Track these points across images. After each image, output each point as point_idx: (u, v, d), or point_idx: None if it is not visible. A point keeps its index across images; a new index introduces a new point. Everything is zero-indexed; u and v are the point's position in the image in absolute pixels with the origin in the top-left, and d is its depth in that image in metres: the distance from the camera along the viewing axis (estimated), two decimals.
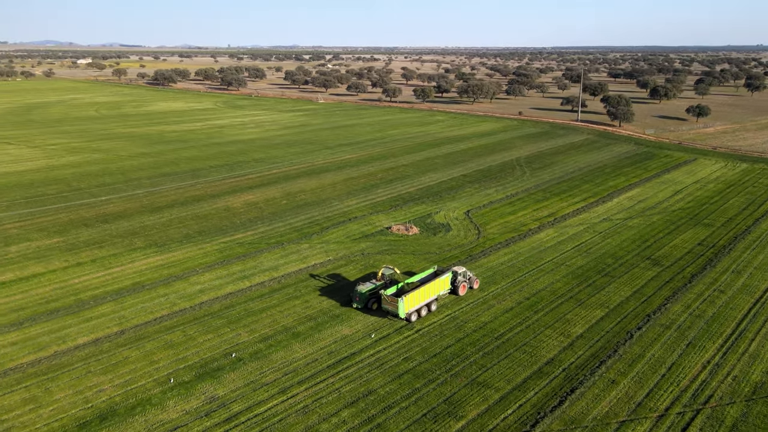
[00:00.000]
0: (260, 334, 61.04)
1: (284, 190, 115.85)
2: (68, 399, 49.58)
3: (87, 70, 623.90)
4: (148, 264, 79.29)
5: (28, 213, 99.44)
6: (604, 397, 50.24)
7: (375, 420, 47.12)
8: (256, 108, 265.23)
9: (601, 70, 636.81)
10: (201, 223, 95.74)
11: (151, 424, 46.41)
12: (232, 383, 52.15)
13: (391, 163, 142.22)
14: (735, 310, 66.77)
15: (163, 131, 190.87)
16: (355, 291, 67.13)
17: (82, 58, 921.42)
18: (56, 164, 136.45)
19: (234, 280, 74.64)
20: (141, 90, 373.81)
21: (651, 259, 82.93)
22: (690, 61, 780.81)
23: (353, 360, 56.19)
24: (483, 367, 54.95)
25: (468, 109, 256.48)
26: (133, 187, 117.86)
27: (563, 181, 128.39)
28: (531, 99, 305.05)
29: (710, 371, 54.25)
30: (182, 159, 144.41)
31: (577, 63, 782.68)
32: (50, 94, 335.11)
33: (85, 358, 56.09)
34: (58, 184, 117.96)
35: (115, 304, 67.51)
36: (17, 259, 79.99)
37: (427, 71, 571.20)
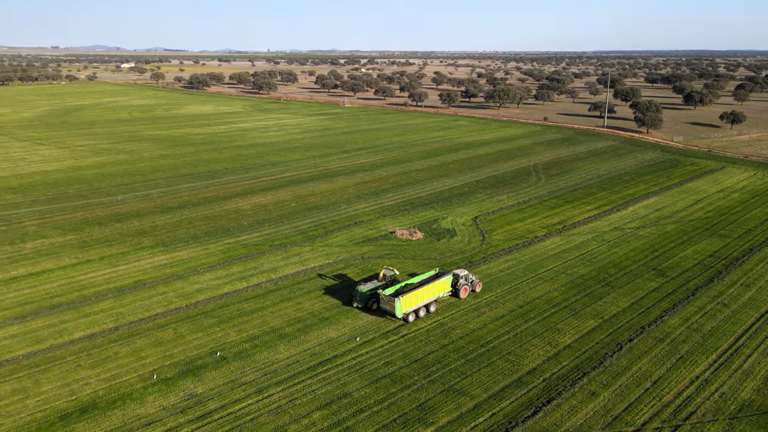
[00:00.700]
0: (248, 334, 62.11)
1: (295, 193, 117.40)
2: (55, 391, 51.54)
3: (129, 74, 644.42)
4: (152, 263, 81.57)
5: (47, 210, 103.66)
6: (581, 410, 49.29)
7: (344, 423, 47.42)
8: (282, 111, 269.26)
9: (639, 74, 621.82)
10: (209, 224, 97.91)
11: (128, 418, 47.84)
12: (213, 381, 53.27)
13: (405, 168, 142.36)
14: (736, 325, 64.48)
15: (188, 134, 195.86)
16: (356, 291, 68.09)
17: (125, 62, 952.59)
18: (81, 165, 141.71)
19: (232, 280, 76.10)
20: (175, 93, 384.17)
21: (656, 269, 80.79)
22: (736, 66, 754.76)
23: (334, 363, 56.63)
24: (462, 375, 54.62)
25: (493, 114, 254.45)
26: (150, 187, 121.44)
27: (579, 188, 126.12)
28: (560, 104, 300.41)
29: (697, 387, 52.58)
30: (201, 161, 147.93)
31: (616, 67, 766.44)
32: (89, 97, 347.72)
33: (77, 352, 58.15)
34: (80, 184, 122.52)
35: (115, 300, 69.72)
36: (31, 255, 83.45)
37: (459, 76, 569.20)
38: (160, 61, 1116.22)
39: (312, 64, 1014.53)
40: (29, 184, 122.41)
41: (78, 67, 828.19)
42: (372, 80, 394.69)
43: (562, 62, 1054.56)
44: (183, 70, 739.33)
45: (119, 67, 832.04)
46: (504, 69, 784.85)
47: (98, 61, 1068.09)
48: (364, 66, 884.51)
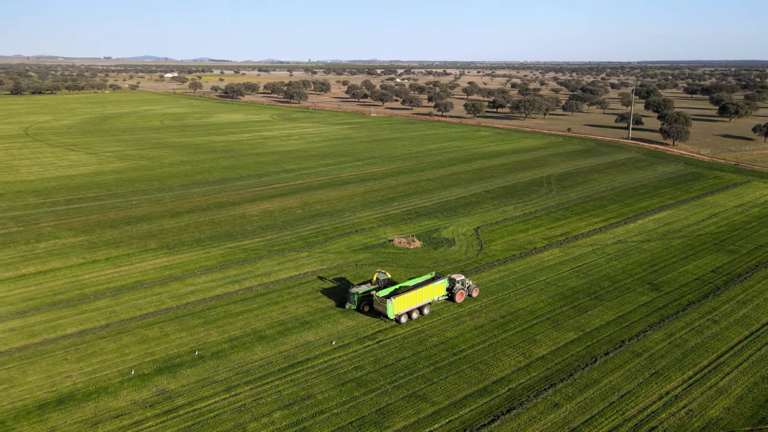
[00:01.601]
0: (229, 335, 64.11)
1: (302, 200, 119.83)
2: (38, 382, 54.51)
3: (170, 84, 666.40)
4: (154, 265, 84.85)
5: (64, 213, 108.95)
6: (539, 420, 49.17)
7: (302, 423, 48.65)
8: (308, 120, 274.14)
9: (680, 85, 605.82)
10: (214, 229, 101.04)
11: (100, 410, 50.26)
12: (186, 379, 55.34)
13: (416, 177, 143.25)
14: (721, 342, 62.89)
15: (211, 141, 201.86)
16: (349, 293, 70.02)
17: (169, 72, 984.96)
18: (104, 170, 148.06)
19: (225, 283, 78.50)
20: (210, 102, 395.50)
21: (651, 284, 79.32)
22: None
23: (306, 365, 57.98)
24: (428, 381, 55.14)
25: (517, 124, 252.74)
26: (164, 192, 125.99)
27: (590, 200, 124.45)
28: (589, 115, 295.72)
29: (665, 403, 51.68)
30: (218, 168, 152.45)
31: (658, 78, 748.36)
32: (128, 105, 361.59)
33: (67, 347, 61.23)
34: (100, 188, 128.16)
35: (112, 299, 72.94)
36: (42, 255, 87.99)
37: (493, 86, 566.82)
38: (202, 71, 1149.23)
39: (349, 74, 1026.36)
40: (53, 187, 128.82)
41: (124, 76, 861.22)
42: (402, 90, 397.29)
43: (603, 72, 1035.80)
44: (222, 79, 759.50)
45: (162, 76, 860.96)
46: (540, 79, 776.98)
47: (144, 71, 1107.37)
48: (400, 76, 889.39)
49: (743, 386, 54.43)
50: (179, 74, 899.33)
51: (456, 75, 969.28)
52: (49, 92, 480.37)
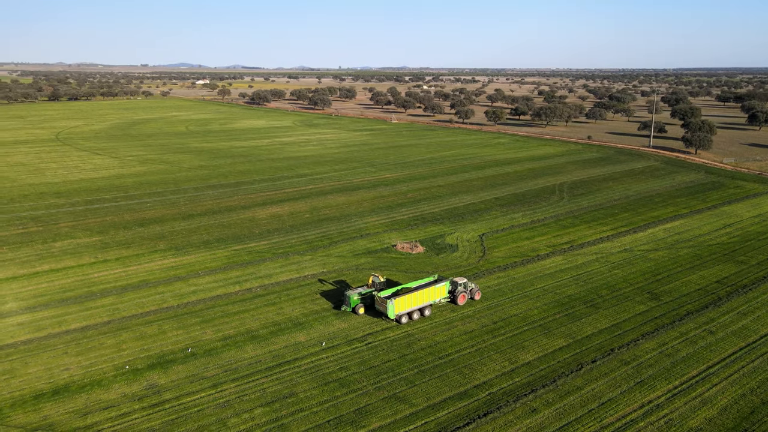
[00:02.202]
0: (224, 334, 65.97)
1: (311, 205, 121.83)
2: (38, 374, 57.15)
3: (201, 90, 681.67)
4: (161, 265, 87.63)
5: (82, 214, 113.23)
6: (515, 424, 49.44)
7: (281, 420, 49.96)
8: (329, 127, 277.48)
9: (713, 93, 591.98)
10: (223, 231, 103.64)
11: (91, 401, 52.47)
12: (176, 375, 57.27)
13: (427, 184, 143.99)
14: (714, 353, 61.96)
15: (231, 146, 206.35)
16: (345, 295, 71.47)
17: (201, 79, 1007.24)
18: (125, 173, 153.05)
19: (227, 284, 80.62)
20: (236, 108, 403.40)
21: (651, 293, 78.44)
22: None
23: (293, 365, 59.35)
24: (411, 384, 55.88)
25: (537, 132, 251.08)
26: (179, 195, 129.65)
27: (601, 208, 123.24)
28: (613, 123, 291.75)
29: (646, 412, 51.32)
30: (233, 172, 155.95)
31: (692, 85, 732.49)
32: (157, 111, 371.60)
33: (69, 341, 63.94)
34: (118, 191, 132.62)
35: (117, 297, 75.71)
36: (57, 253, 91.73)
37: (520, 93, 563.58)
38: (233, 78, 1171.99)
39: (376, 81, 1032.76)
40: (74, 189, 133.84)
41: (158, 83, 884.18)
42: (426, 97, 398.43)
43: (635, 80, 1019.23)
44: (251, 86, 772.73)
45: (194, 83, 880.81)
46: (569, 87, 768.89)
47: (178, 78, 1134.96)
48: (427, 83, 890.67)
49: (729, 397, 53.65)
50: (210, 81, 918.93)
51: (484, 82, 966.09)
52: (85, 99, 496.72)
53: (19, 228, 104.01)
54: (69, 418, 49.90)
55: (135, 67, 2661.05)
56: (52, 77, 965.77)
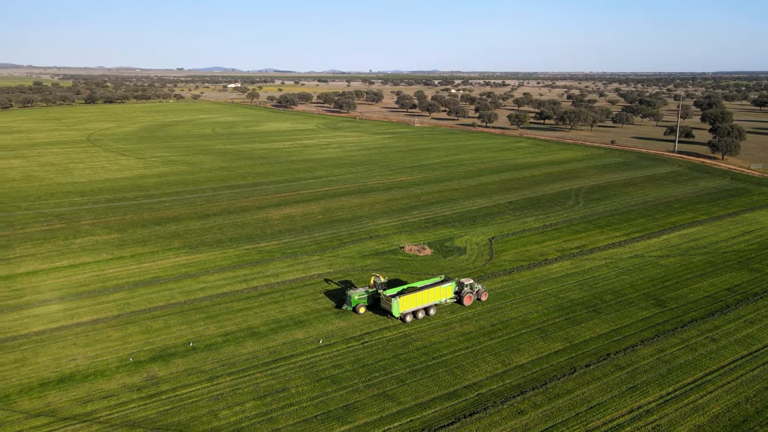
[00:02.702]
0: (225, 330, 67.85)
1: (324, 206, 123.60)
2: (46, 363, 59.88)
3: (231, 94, 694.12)
4: (173, 262, 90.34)
5: (103, 212, 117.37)
6: (500, 425, 49.77)
7: (270, 414, 51.35)
8: (351, 130, 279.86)
9: (751, 97, 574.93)
10: (236, 231, 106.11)
11: (92, 390, 54.79)
12: (176, 367, 59.28)
13: (442, 187, 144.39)
14: (713, 360, 61.04)
15: (253, 148, 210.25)
16: (346, 295, 72.79)
17: (232, 83, 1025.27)
18: (147, 174, 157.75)
19: (234, 282, 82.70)
20: (263, 111, 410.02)
21: (657, 299, 77.48)
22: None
23: (289, 361, 60.78)
24: (401, 382, 56.68)
25: (560, 136, 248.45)
26: (197, 195, 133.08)
27: (617, 213, 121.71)
28: (640, 127, 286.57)
29: (634, 417, 51.03)
30: (252, 173, 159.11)
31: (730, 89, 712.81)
32: (186, 114, 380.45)
33: (78, 333, 66.70)
34: (140, 191, 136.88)
35: (128, 293, 78.48)
36: (76, 250, 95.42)
37: (549, 97, 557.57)
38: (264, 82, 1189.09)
39: (405, 85, 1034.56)
40: (98, 188, 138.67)
41: (190, 87, 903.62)
42: (451, 101, 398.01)
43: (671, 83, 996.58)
44: (281, 89, 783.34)
45: (225, 87, 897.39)
46: (600, 90, 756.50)
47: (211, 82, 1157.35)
48: (456, 86, 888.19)
49: (723, 405, 52.88)
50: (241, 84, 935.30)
51: (513, 86, 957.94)
52: (119, 101, 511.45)
53: (44, 225, 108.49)
54: (70, 405, 52.25)
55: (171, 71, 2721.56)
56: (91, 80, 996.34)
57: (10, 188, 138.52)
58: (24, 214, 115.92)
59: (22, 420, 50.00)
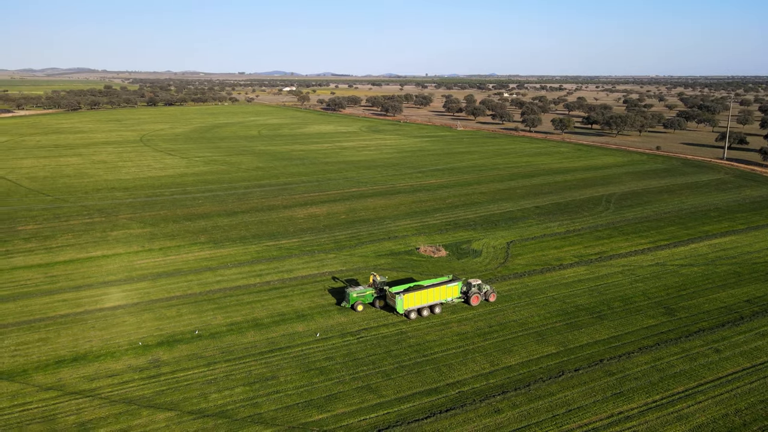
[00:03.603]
0: (231, 320, 71.37)
1: (349, 207, 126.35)
2: (65, 342, 65.03)
3: (285, 97, 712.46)
4: (197, 256, 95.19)
5: (141, 207, 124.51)
6: (473, 422, 50.56)
7: (255, 399, 54.10)
8: (392, 133, 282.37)
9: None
10: (260, 228, 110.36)
11: (100, 369, 59.21)
12: (179, 352, 63.09)
13: (469, 190, 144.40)
14: (711, 371, 59.40)
15: (292, 150, 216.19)
16: (346, 293, 75.09)
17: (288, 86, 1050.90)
18: (188, 172, 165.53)
19: (250, 276, 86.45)
20: (311, 114, 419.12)
21: (667, 308, 75.63)
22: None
23: (284, 351, 63.49)
24: (387, 377, 58.26)
25: (604, 141, 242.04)
26: (229, 193, 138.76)
27: (646, 220, 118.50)
28: (693, 133, 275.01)
29: (612, 422, 50.66)
30: (285, 174, 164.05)
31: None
32: (238, 116, 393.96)
33: (98, 317, 71.85)
34: (177, 188, 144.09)
35: (150, 282, 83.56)
36: (111, 242, 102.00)
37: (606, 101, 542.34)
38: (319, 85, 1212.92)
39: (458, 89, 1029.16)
40: (140, 185, 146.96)
41: (247, 90, 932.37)
42: (498, 105, 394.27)
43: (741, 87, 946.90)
44: (333, 93, 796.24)
45: (281, 90, 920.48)
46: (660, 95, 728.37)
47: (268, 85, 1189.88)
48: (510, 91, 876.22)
49: (709, 416, 51.64)
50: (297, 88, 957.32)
51: (570, 90, 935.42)
52: (179, 104, 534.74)
53: (86, 218, 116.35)
54: (78, 382, 56.77)
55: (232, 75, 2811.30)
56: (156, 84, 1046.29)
57: (63, 184, 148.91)
58: (70, 208, 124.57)
59: (34, 392, 54.81)
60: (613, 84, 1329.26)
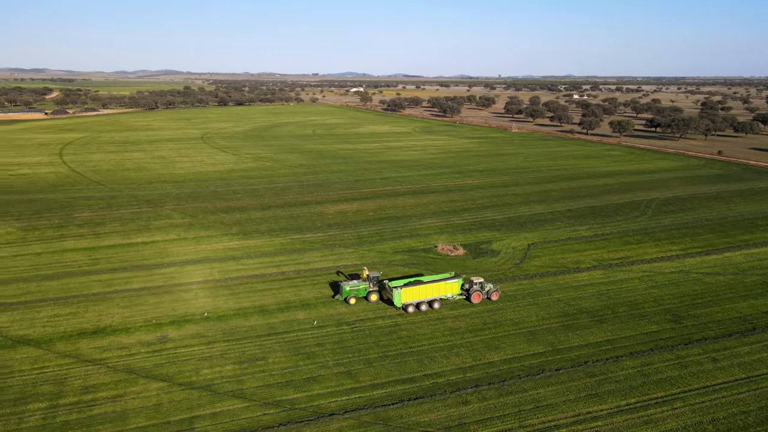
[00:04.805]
0: (240, 305, 76.17)
1: (379, 205, 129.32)
2: (90, 317, 72.00)
3: (352, 97, 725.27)
4: (225, 246, 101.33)
5: (186, 198, 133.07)
6: (437, 411, 52.27)
7: (242, 376, 58.22)
8: (444, 134, 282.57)
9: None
10: (290, 222, 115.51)
11: (114, 342, 65.38)
12: (186, 331, 68.44)
13: (504, 191, 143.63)
14: (699, 380, 57.89)
15: (339, 149, 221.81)
16: (340, 286, 78.30)
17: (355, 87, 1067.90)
18: (235, 168, 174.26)
19: (268, 266, 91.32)
20: (371, 115, 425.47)
21: (675, 315, 73.59)
22: None
23: (280, 336, 67.42)
24: (368, 364, 60.87)
25: (663, 145, 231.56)
26: (268, 188, 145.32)
27: (683, 227, 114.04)
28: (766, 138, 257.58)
29: (576, 420, 50.89)
30: (325, 171, 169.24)
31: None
32: (298, 116, 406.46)
33: (125, 296, 78.73)
34: (222, 182, 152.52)
35: (178, 268, 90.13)
36: (153, 230, 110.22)
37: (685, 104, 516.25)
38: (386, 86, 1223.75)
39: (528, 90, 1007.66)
40: (189, 179, 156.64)
41: (315, 90, 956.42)
42: (560, 107, 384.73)
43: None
44: (399, 94, 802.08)
45: (348, 91, 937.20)
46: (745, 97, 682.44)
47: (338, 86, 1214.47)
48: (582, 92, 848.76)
49: (681, 423, 50.74)
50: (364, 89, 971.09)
51: (647, 92, 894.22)
52: (247, 104, 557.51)
53: (134, 208, 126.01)
54: (92, 352, 63.11)
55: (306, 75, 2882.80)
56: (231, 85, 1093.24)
57: (122, 176, 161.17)
58: (123, 198, 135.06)
59: (53, 358, 61.57)
60: (698, 86, 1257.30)
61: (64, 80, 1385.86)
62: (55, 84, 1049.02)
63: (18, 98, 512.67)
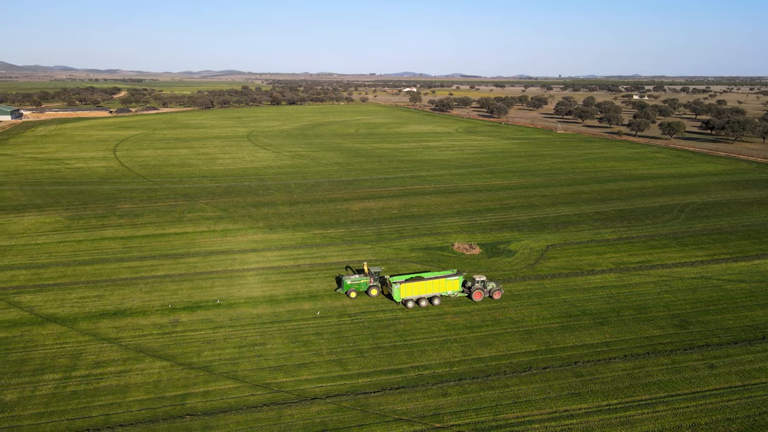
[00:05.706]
0: (251, 294, 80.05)
1: (404, 203, 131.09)
2: (114, 300, 77.62)
3: (403, 97, 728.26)
4: (249, 239, 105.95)
5: (220, 192, 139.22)
6: (416, 401, 53.95)
7: (238, 359, 61.72)
8: (486, 134, 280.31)
9: None
10: (315, 218, 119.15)
11: (130, 323, 70.42)
12: (197, 316, 72.77)
13: (533, 192, 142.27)
14: (690, 385, 56.95)
15: (376, 148, 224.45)
16: (342, 280, 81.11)
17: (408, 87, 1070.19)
18: (272, 165, 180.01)
19: (286, 259, 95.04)
20: (417, 115, 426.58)
21: (682, 320, 72.05)
22: None
23: (282, 324, 70.67)
24: (360, 354, 63.14)
25: (714, 148, 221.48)
26: (299, 185, 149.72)
27: (716, 233, 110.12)
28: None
29: (550, 418, 51.42)
30: (358, 170, 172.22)
31: None
32: (345, 115, 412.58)
33: (148, 282, 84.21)
34: (256, 177, 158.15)
35: (201, 258, 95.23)
36: (185, 222, 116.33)
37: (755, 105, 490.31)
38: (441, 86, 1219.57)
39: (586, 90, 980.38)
40: (227, 174, 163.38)
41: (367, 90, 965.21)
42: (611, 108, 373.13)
43: None
44: (451, 94, 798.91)
45: (400, 91, 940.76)
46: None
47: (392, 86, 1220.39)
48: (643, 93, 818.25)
49: (658, 426, 50.35)
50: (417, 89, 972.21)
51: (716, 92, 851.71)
52: (299, 103, 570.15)
53: (171, 200, 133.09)
54: (109, 331, 68.34)
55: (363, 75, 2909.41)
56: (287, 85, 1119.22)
57: (165, 171, 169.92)
58: (163, 192, 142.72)
59: (74, 335, 67.11)
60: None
61: (133, 80, 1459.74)
62: (125, 84, 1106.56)
63: (89, 97, 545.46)
